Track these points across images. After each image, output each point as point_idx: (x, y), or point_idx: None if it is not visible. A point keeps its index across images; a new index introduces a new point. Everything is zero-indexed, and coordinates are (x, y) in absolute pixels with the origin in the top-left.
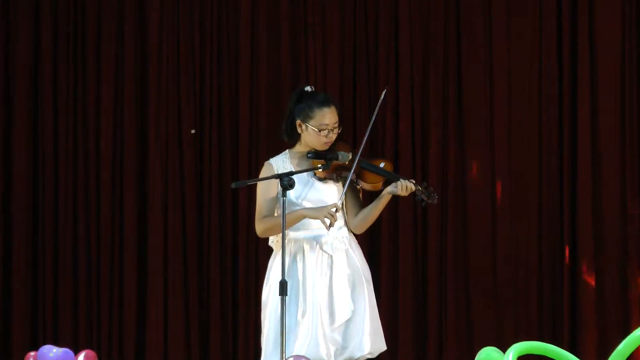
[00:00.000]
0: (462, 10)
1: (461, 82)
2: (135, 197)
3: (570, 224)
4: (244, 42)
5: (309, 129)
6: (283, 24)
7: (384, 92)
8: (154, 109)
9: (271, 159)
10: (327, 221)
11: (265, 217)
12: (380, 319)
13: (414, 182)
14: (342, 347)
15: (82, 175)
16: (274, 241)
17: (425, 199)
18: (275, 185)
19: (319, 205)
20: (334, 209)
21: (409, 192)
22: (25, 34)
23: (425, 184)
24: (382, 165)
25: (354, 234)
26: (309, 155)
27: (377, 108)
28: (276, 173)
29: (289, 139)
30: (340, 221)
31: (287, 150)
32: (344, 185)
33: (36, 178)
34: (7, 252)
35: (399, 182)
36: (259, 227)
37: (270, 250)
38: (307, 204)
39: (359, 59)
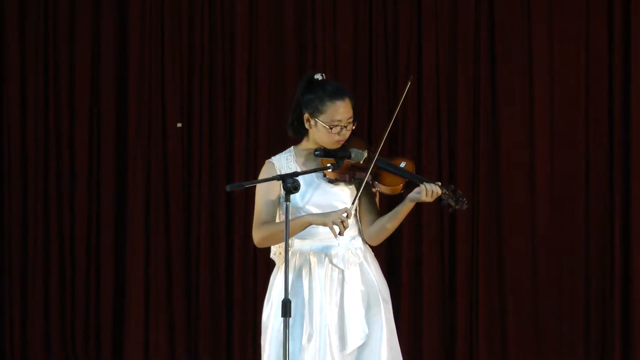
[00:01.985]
0: None
1: (495, 68)
2: (113, 201)
3: (622, 228)
4: (242, 21)
5: (319, 125)
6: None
7: (408, 82)
8: (134, 96)
9: (273, 157)
10: (337, 228)
11: (264, 223)
12: (400, 345)
13: (439, 184)
14: None
15: (53, 175)
16: (276, 253)
17: (452, 204)
18: (277, 188)
19: (328, 211)
20: (344, 214)
21: (435, 197)
22: None
23: (453, 187)
24: (402, 165)
25: (370, 245)
26: (316, 153)
27: (401, 99)
28: (278, 174)
29: (296, 134)
30: (353, 230)
31: (291, 147)
32: (358, 188)
33: (1, 176)
34: None
35: (422, 186)
36: (257, 235)
37: (272, 264)
38: (314, 210)
39: (376, 41)
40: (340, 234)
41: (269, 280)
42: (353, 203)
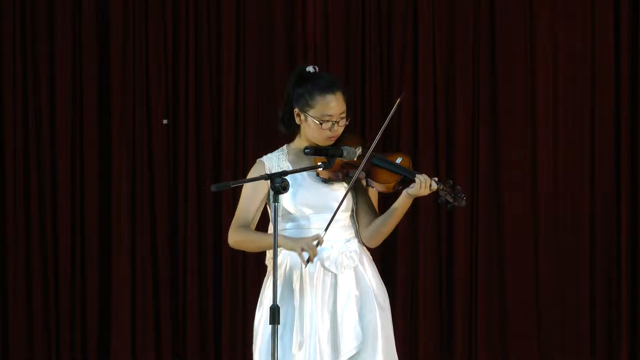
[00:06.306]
0: None
1: (495, 57)
2: (97, 202)
3: (629, 227)
4: (228, 13)
5: (309, 120)
6: None
7: (399, 99)
8: (117, 92)
9: (264, 156)
10: (305, 255)
11: (241, 227)
12: (397, 352)
13: (436, 179)
14: None
15: (34, 175)
16: (268, 258)
17: (450, 200)
18: (264, 189)
19: (322, 214)
20: (315, 242)
21: (430, 190)
22: None
23: (451, 182)
24: (399, 160)
25: (368, 248)
26: (306, 151)
27: (391, 112)
28: (268, 173)
29: (287, 130)
30: (348, 232)
31: (284, 145)
32: (348, 187)
33: None
34: None
35: (416, 178)
36: (232, 237)
37: (262, 264)
38: (307, 211)
39: (369, 32)
40: (310, 260)
41: (258, 280)
42: (339, 206)
